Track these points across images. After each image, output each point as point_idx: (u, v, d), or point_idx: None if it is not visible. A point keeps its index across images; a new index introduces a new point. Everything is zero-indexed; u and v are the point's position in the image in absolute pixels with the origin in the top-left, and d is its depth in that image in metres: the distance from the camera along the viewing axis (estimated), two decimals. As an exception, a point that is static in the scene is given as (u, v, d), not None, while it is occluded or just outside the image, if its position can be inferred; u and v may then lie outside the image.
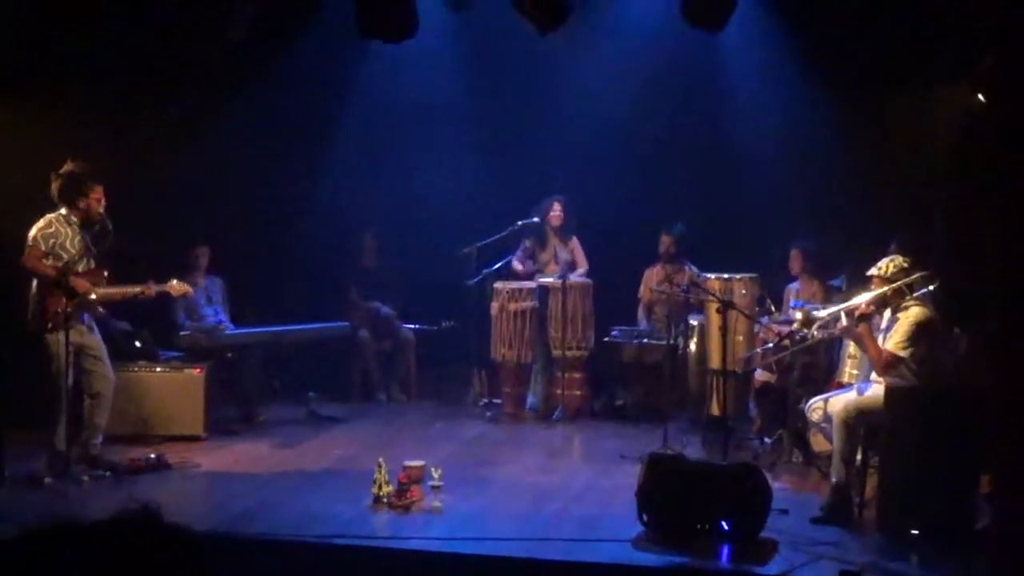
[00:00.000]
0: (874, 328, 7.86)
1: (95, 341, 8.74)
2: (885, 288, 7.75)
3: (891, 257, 7.89)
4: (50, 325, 8.33)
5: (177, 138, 10.79)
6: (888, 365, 7.65)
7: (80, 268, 8.55)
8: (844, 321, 7.85)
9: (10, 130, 9.95)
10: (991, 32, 9.04)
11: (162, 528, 2.71)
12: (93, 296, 8.55)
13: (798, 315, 8.45)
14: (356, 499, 7.94)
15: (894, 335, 7.68)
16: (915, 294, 7.73)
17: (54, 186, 8.53)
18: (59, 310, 8.33)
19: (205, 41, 9.84)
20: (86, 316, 8.64)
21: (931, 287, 7.80)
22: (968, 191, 9.88)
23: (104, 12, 9.60)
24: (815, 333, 8.35)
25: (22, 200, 8.89)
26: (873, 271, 7.88)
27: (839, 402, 7.75)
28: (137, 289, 8.87)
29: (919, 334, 7.62)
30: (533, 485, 8.59)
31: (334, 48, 11.11)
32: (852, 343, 8.36)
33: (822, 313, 8.27)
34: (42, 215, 8.54)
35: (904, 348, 7.61)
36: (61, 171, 8.54)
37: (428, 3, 9.87)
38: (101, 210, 8.59)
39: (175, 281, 9.20)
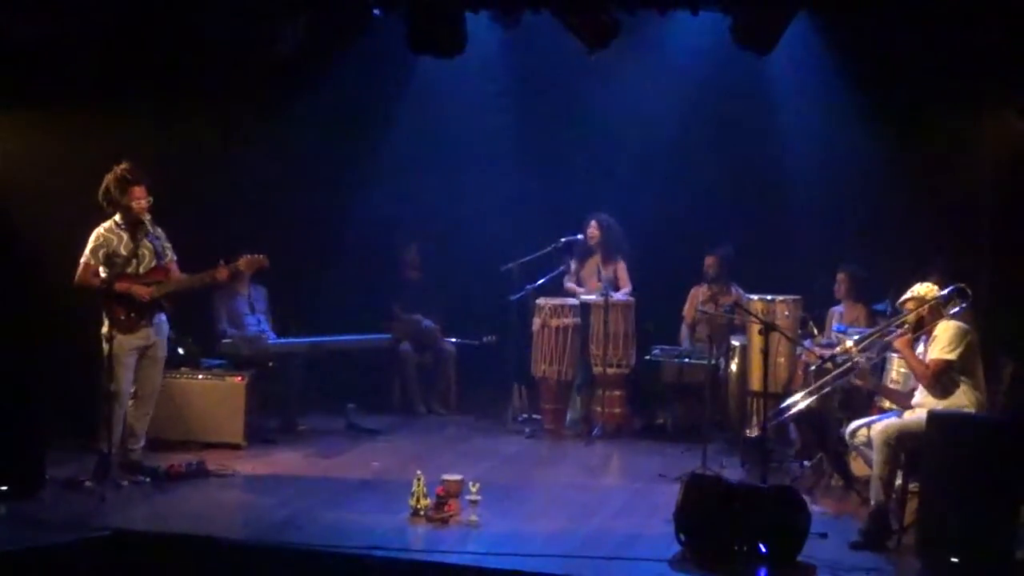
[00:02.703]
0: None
1: (161, 345, 8.85)
2: (922, 308, 7.72)
3: (922, 283, 7.87)
4: (112, 330, 8.40)
5: (224, 148, 10.88)
6: (937, 373, 7.58)
7: (141, 269, 8.64)
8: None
9: (62, 141, 10.08)
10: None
11: None
12: (151, 297, 8.62)
13: (848, 343, 8.41)
14: (394, 511, 7.96)
15: (935, 346, 7.64)
16: (950, 312, 7.68)
17: (100, 190, 8.63)
18: (122, 317, 8.48)
19: (255, 54, 9.91)
20: (157, 317, 8.74)
21: (964, 304, 7.75)
22: (1016, 216, 9.84)
23: (154, 25, 9.69)
24: (859, 357, 8.30)
25: (72, 208, 8.98)
26: (907, 295, 7.86)
27: (881, 424, 7.70)
28: (209, 274, 8.89)
29: (960, 337, 7.57)
30: (571, 502, 8.58)
31: (383, 63, 11.15)
32: (894, 368, 8.33)
33: (855, 338, 8.24)
34: (91, 226, 8.65)
35: (951, 351, 7.54)
36: (107, 174, 8.63)
37: (478, 20, 9.89)
38: (142, 212, 8.60)
39: (246, 256, 9.08)
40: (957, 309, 7.79)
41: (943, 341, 7.60)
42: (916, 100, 10.31)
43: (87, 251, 8.60)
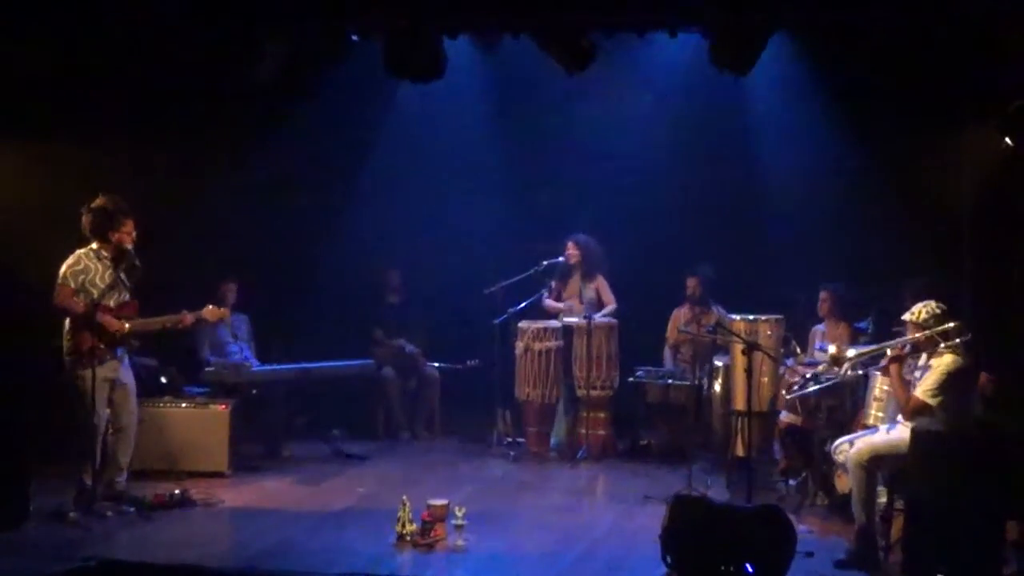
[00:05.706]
0: (911, 369, 7.84)
1: (127, 376, 8.78)
2: (918, 335, 7.71)
3: (924, 303, 7.82)
4: (83, 361, 8.36)
5: (207, 176, 10.88)
6: (916, 411, 7.61)
7: (112, 302, 8.58)
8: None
9: (41, 168, 10.07)
10: (1017, 76, 9.07)
11: None
12: (126, 330, 8.59)
13: (832, 348, 8.44)
14: (380, 537, 7.95)
15: (924, 382, 7.64)
16: (948, 343, 7.64)
17: (84, 220, 8.56)
18: (91, 347, 8.38)
19: (235, 81, 9.91)
20: (120, 350, 8.68)
21: (965, 338, 7.71)
22: (995, 232, 9.88)
23: (134, 52, 9.68)
24: (848, 372, 8.33)
25: (53, 238, 8.94)
26: (907, 316, 7.84)
27: (854, 448, 7.73)
28: (173, 319, 8.88)
29: (949, 383, 7.58)
30: (557, 525, 8.57)
31: (362, 88, 11.15)
32: (877, 386, 8.35)
33: (851, 352, 8.27)
34: (71, 252, 8.58)
35: (933, 396, 7.57)
36: (92, 205, 8.57)
37: (456, 44, 9.90)
38: (131, 244, 8.61)
39: (210, 306, 9.13)
40: (955, 343, 7.73)
41: (931, 381, 7.60)
42: (896, 119, 10.36)
43: (64, 272, 8.48)
